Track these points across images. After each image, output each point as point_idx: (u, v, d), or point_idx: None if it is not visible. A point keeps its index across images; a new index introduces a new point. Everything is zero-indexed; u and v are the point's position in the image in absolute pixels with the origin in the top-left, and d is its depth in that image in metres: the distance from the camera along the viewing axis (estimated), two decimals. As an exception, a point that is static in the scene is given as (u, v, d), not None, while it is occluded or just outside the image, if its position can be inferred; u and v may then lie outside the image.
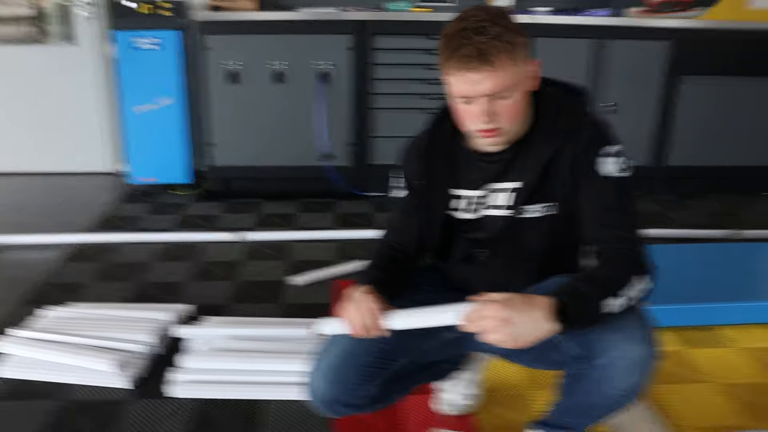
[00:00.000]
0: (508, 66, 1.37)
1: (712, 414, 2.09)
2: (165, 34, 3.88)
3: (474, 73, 1.37)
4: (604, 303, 1.33)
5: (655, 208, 4.15)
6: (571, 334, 1.44)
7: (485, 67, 1.35)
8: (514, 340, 1.28)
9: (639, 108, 4.17)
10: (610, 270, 1.41)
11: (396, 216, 1.73)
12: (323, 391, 1.54)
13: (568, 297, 1.31)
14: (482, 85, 1.38)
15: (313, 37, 3.91)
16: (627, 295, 1.35)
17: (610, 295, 1.33)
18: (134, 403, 2.11)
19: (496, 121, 1.43)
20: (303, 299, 2.84)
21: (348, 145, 4.12)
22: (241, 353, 2.30)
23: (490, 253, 1.62)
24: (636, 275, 1.37)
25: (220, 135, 4.06)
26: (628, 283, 1.36)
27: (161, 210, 3.98)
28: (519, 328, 1.28)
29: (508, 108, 1.42)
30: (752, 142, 4.35)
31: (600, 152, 1.46)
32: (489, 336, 1.30)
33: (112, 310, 2.60)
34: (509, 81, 1.39)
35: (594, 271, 1.44)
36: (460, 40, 1.36)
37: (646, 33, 4.03)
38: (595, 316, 1.33)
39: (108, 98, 4.49)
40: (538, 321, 1.29)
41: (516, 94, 1.42)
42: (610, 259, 1.43)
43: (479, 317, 1.31)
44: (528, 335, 1.29)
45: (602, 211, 1.46)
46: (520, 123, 1.48)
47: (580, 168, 1.47)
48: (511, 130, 1.47)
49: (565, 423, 1.62)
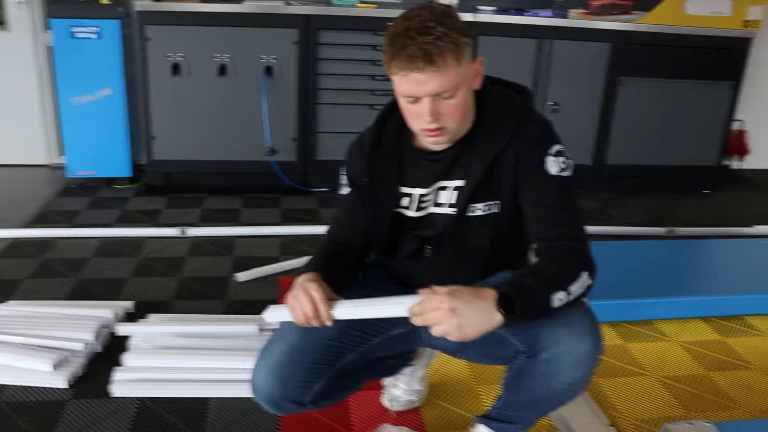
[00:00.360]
0: (453, 66, 1.37)
1: (650, 406, 2.15)
2: (104, 23, 3.78)
3: (418, 73, 1.37)
4: (548, 297, 1.34)
5: (595, 205, 4.25)
6: (516, 329, 1.46)
7: (430, 68, 1.35)
8: (460, 332, 1.29)
9: (580, 108, 4.27)
10: (553, 266, 1.43)
11: (341, 212, 1.72)
12: (269, 388, 1.52)
13: (513, 289, 1.32)
14: (427, 85, 1.38)
15: (258, 31, 3.87)
16: (570, 290, 1.36)
17: (554, 290, 1.35)
18: (72, 403, 2.05)
19: (441, 120, 1.43)
20: (248, 295, 2.80)
21: (292, 140, 4.09)
22: (184, 351, 2.26)
23: (435, 250, 1.63)
24: (579, 271, 1.39)
25: (162, 128, 3.98)
26: (571, 278, 1.37)
27: (101, 204, 3.88)
28: (465, 318, 1.28)
29: (453, 107, 1.43)
30: (688, 143, 4.50)
31: (543, 151, 1.48)
32: (436, 328, 1.30)
33: (48, 308, 2.52)
34: (454, 81, 1.39)
35: (538, 267, 1.46)
36: (404, 39, 1.35)
37: (588, 34, 4.12)
38: (539, 308, 1.35)
39: (47, 89, 4.35)
40: (484, 312, 1.30)
41: (461, 94, 1.42)
42: (554, 255, 1.44)
43: (426, 308, 1.31)
44: (474, 326, 1.29)
45: (546, 210, 1.48)
46: (464, 121, 1.49)
47: (523, 167, 1.49)
48: (457, 129, 1.48)
49: (510, 417, 1.63)
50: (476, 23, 3.97)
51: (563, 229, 1.46)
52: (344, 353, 1.60)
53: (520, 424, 1.65)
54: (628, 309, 2.65)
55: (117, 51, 3.84)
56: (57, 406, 2.03)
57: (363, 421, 2.00)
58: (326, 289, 1.45)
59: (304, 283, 1.45)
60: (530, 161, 1.48)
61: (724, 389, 2.26)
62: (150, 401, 2.07)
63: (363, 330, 1.62)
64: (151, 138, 3.98)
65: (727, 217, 4.18)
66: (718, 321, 2.71)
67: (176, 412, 2.03)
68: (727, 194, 4.68)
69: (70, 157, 4.01)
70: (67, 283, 2.85)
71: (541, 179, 1.48)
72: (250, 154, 4.06)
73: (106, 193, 4.06)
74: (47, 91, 4.38)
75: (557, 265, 1.42)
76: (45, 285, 2.83)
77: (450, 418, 2.05)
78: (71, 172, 4.03)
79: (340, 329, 1.55)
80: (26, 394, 2.08)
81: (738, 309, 2.75)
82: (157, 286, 2.86)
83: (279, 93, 3.99)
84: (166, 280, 2.93)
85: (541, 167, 1.48)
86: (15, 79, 4.33)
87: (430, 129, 1.45)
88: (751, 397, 2.22)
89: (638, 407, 2.14)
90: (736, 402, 2.19)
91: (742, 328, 2.67)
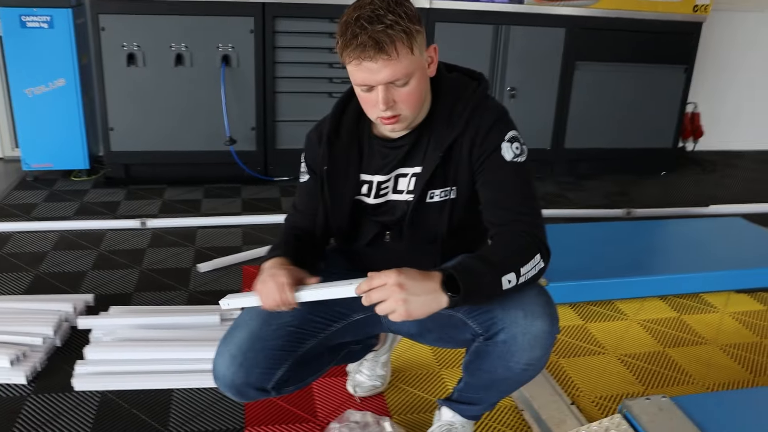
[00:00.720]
0: (404, 54, 1.38)
1: (609, 383, 2.20)
2: (55, 12, 3.70)
3: (370, 62, 1.37)
4: (497, 279, 1.35)
5: (554, 189, 4.31)
6: (473, 313, 1.49)
7: (381, 56, 1.36)
8: (407, 308, 1.29)
9: (538, 93, 4.32)
10: (503, 248, 1.44)
11: (300, 200, 1.72)
12: (232, 375, 1.52)
13: (459, 271, 1.33)
14: (380, 73, 1.39)
15: (215, 19, 3.83)
16: (521, 272, 1.38)
17: (503, 272, 1.36)
18: (32, 398, 2.03)
19: (395, 108, 1.44)
20: (211, 286, 2.79)
21: (252, 129, 4.06)
22: (146, 342, 2.25)
23: (395, 236, 1.64)
24: (530, 253, 1.41)
25: (119, 119, 3.92)
26: (521, 260, 1.39)
27: (58, 197, 3.81)
28: (411, 295, 1.29)
29: (407, 95, 1.43)
30: (644, 126, 4.59)
31: (498, 138, 1.50)
32: (383, 305, 1.31)
33: (6, 303, 2.47)
34: (406, 68, 1.40)
35: (488, 249, 1.47)
36: (355, 28, 1.36)
37: (544, 20, 4.17)
38: (487, 290, 1.36)
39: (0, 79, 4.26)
40: (430, 292, 1.31)
41: (414, 81, 1.43)
42: (505, 239, 1.46)
43: (373, 284, 1.32)
44: (420, 305, 1.31)
45: (500, 195, 1.50)
46: (420, 108, 1.50)
47: (478, 153, 1.51)
48: (412, 116, 1.49)
49: (472, 399, 1.66)
50: (433, 9, 3.98)
51: (516, 214, 1.47)
52: (306, 339, 1.60)
53: (481, 405, 1.68)
54: (587, 289, 2.70)
55: (70, 40, 3.76)
56: (16, 402, 2.00)
57: (327, 408, 2.01)
58: (294, 273, 1.46)
59: (272, 269, 1.46)
60: (485, 148, 1.50)
61: (680, 365, 2.32)
62: (112, 394, 2.05)
63: (324, 316, 1.63)
64: (109, 129, 3.92)
65: (684, 197, 4.27)
66: (674, 299, 2.78)
67: (140, 404, 2.02)
68: (682, 176, 4.79)
69: (25, 149, 3.93)
70: (26, 278, 2.80)
71: (495, 165, 1.50)
72: (210, 144, 4.02)
73: (63, 186, 3.99)
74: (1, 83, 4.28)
75: (507, 247, 1.44)
76: (2, 280, 2.77)
77: (414, 401, 2.07)
78: (27, 165, 3.95)
79: (301, 315, 1.56)
80: (-15, 391, 2.05)
81: (694, 287, 2.82)
82: (118, 278, 2.83)
83: (237, 82, 3.95)
84: (127, 272, 2.90)
85: (496, 153, 1.49)
86: (-35, 71, 4.23)
87: (385, 117, 1.46)
88: (706, 372, 2.28)
89: (598, 385, 2.19)
90: (693, 377, 2.25)
91: (698, 305, 2.74)
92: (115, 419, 1.95)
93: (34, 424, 1.91)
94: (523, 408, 2.02)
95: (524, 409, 2.02)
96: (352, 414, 1.89)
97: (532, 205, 1.50)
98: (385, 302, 1.31)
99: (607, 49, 4.32)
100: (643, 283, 2.76)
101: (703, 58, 4.83)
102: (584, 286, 2.69)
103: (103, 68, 3.80)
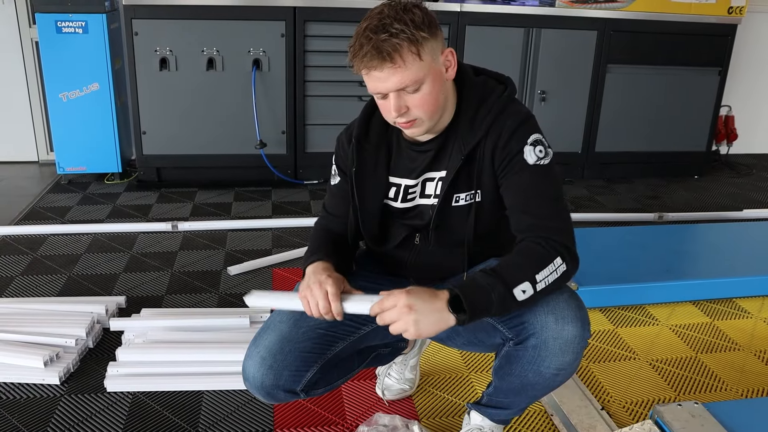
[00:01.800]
0: (411, 60, 1.38)
1: (640, 389, 2.17)
2: (90, 18, 3.76)
3: (377, 71, 1.39)
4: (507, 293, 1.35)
5: (585, 192, 4.27)
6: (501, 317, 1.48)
7: (386, 65, 1.38)
8: (417, 328, 1.32)
9: (568, 96, 4.28)
10: (517, 258, 1.43)
11: (331, 202, 1.73)
12: (261, 377, 1.53)
13: (463, 290, 1.34)
14: (388, 81, 1.40)
15: (246, 24, 3.86)
16: (536, 279, 1.37)
17: (515, 283, 1.36)
18: (65, 399, 2.06)
19: (409, 113, 1.45)
20: (242, 288, 2.81)
21: (282, 133, 4.09)
22: (177, 344, 2.27)
23: (423, 239, 1.65)
24: (547, 259, 1.40)
25: (151, 123, 3.97)
26: (536, 268, 1.38)
27: (91, 200, 3.87)
28: (421, 315, 1.32)
29: (420, 100, 1.44)
30: (677, 129, 4.53)
31: (520, 142, 1.49)
32: (394, 325, 1.34)
33: (40, 305, 2.52)
34: (415, 75, 1.40)
35: (502, 260, 1.45)
36: (362, 39, 1.38)
37: (575, 22, 4.13)
38: (495, 306, 1.36)
39: (35, 84, 4.34)
40: (438, 311, 1.33)
41: (426, 86, 1.43)
42: (521, 247, 1.45)
43: (384, 306, 1.35)
44: (429, 324, 1.33)
45: (522, 199, 1.49)
46: (439, 112, 1.50)
47: (500, 157, 1.50)
48: (431, 120, 1.49)
49: (501, 403, 1.65)
50: (463, 13, 3.97)
51: (538, 218, 1.46)
52: (335, 342, 1.61)
53: (511, 410, 1.67)
54: (618, 294, 2.67)
55: (104, 45, 3.82)
56: (50, 403, 2.04)
57: (356, 411, 2.02)
58: (340, 282, 1.47)
59: (318, 275, 1.47)
60: (507, 151, 1.49)
61: (713, 371, 2.28)
62: (143, 396, 2.08)
63: (353, 319, 1.63)
64: (141, 133, 3.98)
65: (717, 202, 4.21)
66: (707, 304, 2.74)
67: (170, 406, 2.04)
68: (716, 179, 4.71)
69: (59, 153, 4.00)
70: (59, 280, 2.85)
71: (518, 169, 1.49)
72: (241, 148, 4.06)
73: (96, 189, 4.05)
74: (35, 87, 4.36)
75: (521, 257, 1.43)
76: (37, 282, 2.83)
77: (442, 405, 2.06)
78: (61, 169, 4.02)
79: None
80: (18, 391, 2.09)
81: (727, 292, 2.77)
82: (150, 281, 2.87)
83: (268, 86, 3.98)
84: (159, 274, 2.93)
85: (519, 157, 1.48)
86: (2, 75, 4.31)
87: (401, 122, 1.47)
88: (740, 378, 2.25)
89: (629, 390, 2.16)
90: (726, 383, 2.22)
91: (731, 311, 2.70)
92: (146, 420, 1.97)
93: (68, 424, 1.94)
94: (553, 413, 2.01)
95: (554, 414, 2.00)
96: (380, 417, 1.89)
97: (556, 208, 1.49)
98: (396, 323, 1.34)
99: (639, 52, 4.27)
100: (674, 287, 2.72)
101: (738, 60, 4.75)
102: (615, 290, 2.66)
103: (136, 72, 3.86)
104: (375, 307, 1.37)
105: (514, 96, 1.57)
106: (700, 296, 2.75)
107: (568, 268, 1.42)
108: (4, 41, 4.25)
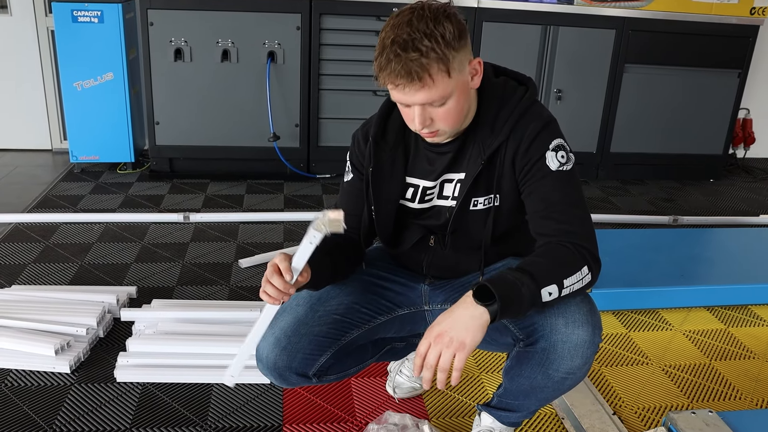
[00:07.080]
0: (441, 79, 1.34)
1: (653, 395, 2.15)
2: (105, 7, 3.76)
3: (404, 89, 1.35)
4: (535, 291, 1.33)
5: (599, 193, 4.24)
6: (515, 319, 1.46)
7: (415, 84, 1.34)
8: (459, 343, 1.29)
9: (585, 95, 4.24)
10: (544, 259, 1.41)
11: (342, 198, 1.70)
12: (275, 358, 1.52)
13: (493, 282, 1.32)
14: (415, 96, 1.36)
15: (261, 16, 3.85)
16: (563, 284, 1.35)
17: (542, 284, 1.34)
18: (75, 387, 2.06)
19: (432, 125, 1.43)
20: (253, 281, 2.80)
21: (296, 126, 4.08)
22: (187, 336, 2.26)
23: (439, 242, 1.63)
24: (575, 265, 1.38)
25: (165, 113, 3.97)
26: (565, 272, 1.36)
27: (104, 189, 3.88)
28: (453, 332, 1.29)
29: (445, 113, 1.41)
30: (693, 131, 4.48)
31: (542, 147, 1.46)
32: (443, 358, 1.29)
33: (51, 293, 2.52)
34: (442, 92, 1.36)
35: (528, 260, 1.42)
36: (389, 54, 1.32)
37: (593, 21, 4.10)
38: (523, 300, 1.33)
39: (50, 73, 4.35)
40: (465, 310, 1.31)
41: (452, 101, 1.40)
42: (548, 249, 1.43)
43: (420, 352, 1.32)
44: (465, 330, 1.29)
45: (546, 205, 1.46)
46: (459, 123, 1.47)
47: (522, 163, 1.48)
48: (451, 130, 1.47)
49: (511, 405, 1.64)
50: (480, 9, 3.94)
51: (563, 224, 1.44)
52: (350, 328, 1.61)
53: (521, 412, 1.65)
54: (631, 297, 2.64)
55: (119, 35, 3.82)
56: (60, 391, 2.04)
57: (366, 408, 2.01)
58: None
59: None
60: (529, 157, 1.47)
61: (727, 379, 2.26)
62: (153, 387, 2.07)
63: (369, 307, 1.64)
64: (155, 123, 3.98)
65: (733, 206, 4.17)
66: (722, 310, 2.71)
67: (180, 398, 2.03)
68: (732, 183, 4.67)
69: (73, 141, 4.01)
70: (71, 268, 2.85)
71: (540, 175, 1.46)
72: (254, 140, 4.05)
73: (109, 178, 4.06)
74: (50, 76, 4.37)
75: (550, 258, 1.40)
76: (48, 270, 2.83)
77: (453, 405, 2.05)
78: (75, 157, 4.03)
79: (347, 305, 1.59)
80: (29, 378, 2.09)
81: (742, 298, 2.74)
82: (161, 271, 2.86)
83: (282, 78, 3.97)
84: (170, 265, 2.93)
85: (541, 163, 1.46)
86: (18, 64, 4.33)
87: (424, 132, 1.45)
88: (755, 387, 2.22)
89: (641, 396, 2.14)
90: (740, 392, 2.19)
91: (747, 318, 2.67)
92: (156, 411, 1.97)
93: (78, 413, 1.94)
94: (564, 416, 1.99)
95: (565, 418, 1.98)
96: (391, 416, 1.88)
97: (579, 215, 1.46)
98: (442, 355, 1.29)
99: (657, 52, 4.23)
100: (689, 292, 2.70)
101: (759, 63, 4.69)
102: (628, 293, 2.63)
103: (151, 63, 3.85)
104: (417, 360, 1.32)
105: (535, 98, 1.54)
106: (714, 302, 2.72)
107: (592, 279, 1.41)
108: (21, 30, 4.26)
